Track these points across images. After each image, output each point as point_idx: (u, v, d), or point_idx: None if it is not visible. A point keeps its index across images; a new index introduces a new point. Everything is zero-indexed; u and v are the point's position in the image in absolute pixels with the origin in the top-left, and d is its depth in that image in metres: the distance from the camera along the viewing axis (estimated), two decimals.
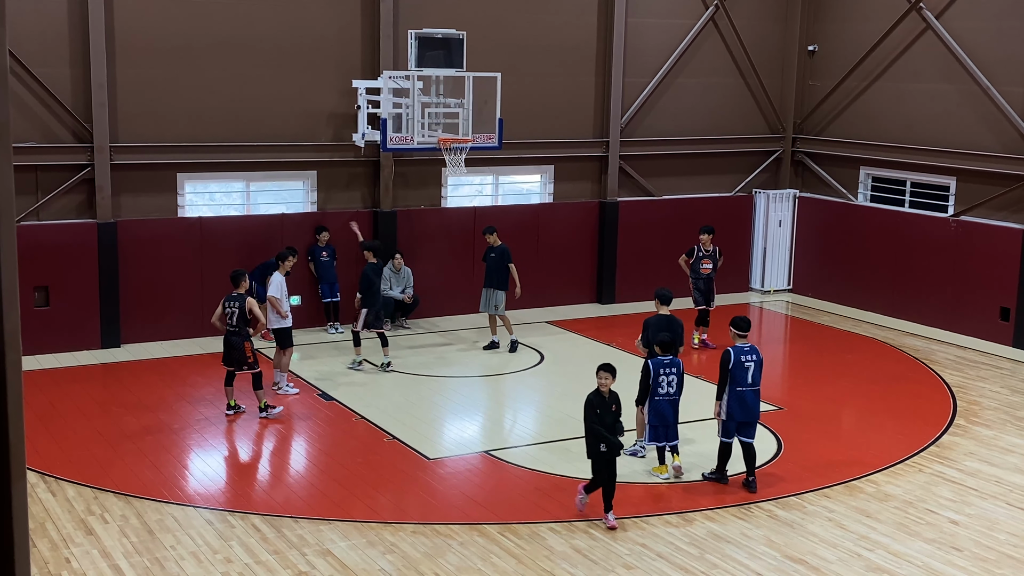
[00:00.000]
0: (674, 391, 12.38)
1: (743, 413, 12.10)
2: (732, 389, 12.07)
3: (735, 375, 12.05)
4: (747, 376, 12.06)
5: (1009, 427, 14.70)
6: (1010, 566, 10.62)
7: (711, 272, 18.05)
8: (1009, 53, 19.00)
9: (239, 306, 14.18)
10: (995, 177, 19.26)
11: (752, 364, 12.10)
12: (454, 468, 12.95)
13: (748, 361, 12.09)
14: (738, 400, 12.07)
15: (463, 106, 17.15)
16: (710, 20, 21.78)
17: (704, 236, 18.08)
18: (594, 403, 11.31)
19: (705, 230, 18.17)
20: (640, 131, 21.63)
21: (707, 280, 18.05)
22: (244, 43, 18.05)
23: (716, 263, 18.17)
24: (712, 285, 18.13)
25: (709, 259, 18.06)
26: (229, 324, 14.31)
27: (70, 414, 14.41)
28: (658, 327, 13.13)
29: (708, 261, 18.05)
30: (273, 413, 14.38)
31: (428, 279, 19.52)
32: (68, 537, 10.79)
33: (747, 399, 12.10)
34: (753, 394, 12.14)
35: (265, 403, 14.38)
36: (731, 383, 12.07)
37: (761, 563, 10.54)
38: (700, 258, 18.07)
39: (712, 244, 18.14)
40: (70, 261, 17.06)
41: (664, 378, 12.30)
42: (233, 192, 18.83)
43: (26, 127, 16.73)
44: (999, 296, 18.93)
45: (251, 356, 14.30)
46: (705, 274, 18.03)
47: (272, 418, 14.33)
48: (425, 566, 10.30)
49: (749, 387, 12.10)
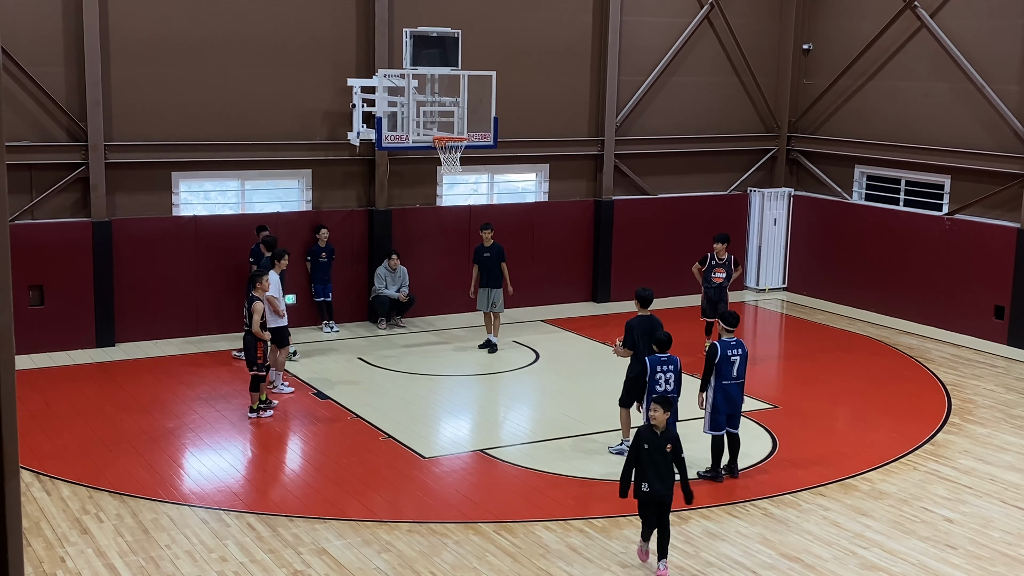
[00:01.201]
0: (672, 389, 12.39)
1: (728, 406, 12.31)
2: (718, 383, 12.25)
3: (721, 369, 12.23)
4: (732, 370, 12.27)
5: (1003, 425, 14.73)
6: (1004, 564, 10.64)
7: (724, 282, 17.35)
8: (1003, 51, 19.02)
9: (247, 307, 14.37)
10: (989, 175, 19.29)
11: (738, 358, 12.29)
12: (449, 467, 12.95)
13: (734, 355, 12.27)
14: (723, 394, 12.27)
15: (458, 104, 17.14)
16: (705, 18, 21.79)
17: (718, 245, 17.37)
18: (642, 437, 10.03)
19: (719, 239, 17.47)
20: (635, 130, 21.64)
21: (718, 290, 17.35)
22: (239, 41, 18.03)
23: (731, 273, 17.42)
24: (724, 295, 17.38)
25: (723, 268, 17.33)
26: (245, 324, 14.46)
27: (65, 413, 14.39)
28: (641, 328, 13.04)
29: (721, 270, 17.33)
30: (264, 415, 14.37)
31: (423, 278, 19.52)
32: (63, 536, 10.78)
33: (732, 392, 12.32)
34: (738, 387, 12.37)
35: (257, 406, 14.35)
36: (717, 377, 12.23)
37: (756, 561, 10.55)
38: (713, 267, 17.36)
39: (727, 252, 17.45)
40: (65, 260, 17.03)
41: (661, 375, 12.26)
42: (228, 191, 18.81)
43: (20, 126, 16.70)
44: (993, 294, 18.96)
45: (261, 358, 14.28)
46: (717, 283, 17.34)
47: (261, 418, 14.30)
48: (420, 565, 10.30)
49: (734, 380, 12.30)
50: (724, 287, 17.35)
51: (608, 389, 14.25)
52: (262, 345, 14.24)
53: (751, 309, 21.50)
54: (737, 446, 12.56)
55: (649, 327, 12.94)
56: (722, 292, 17.34)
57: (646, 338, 12.81)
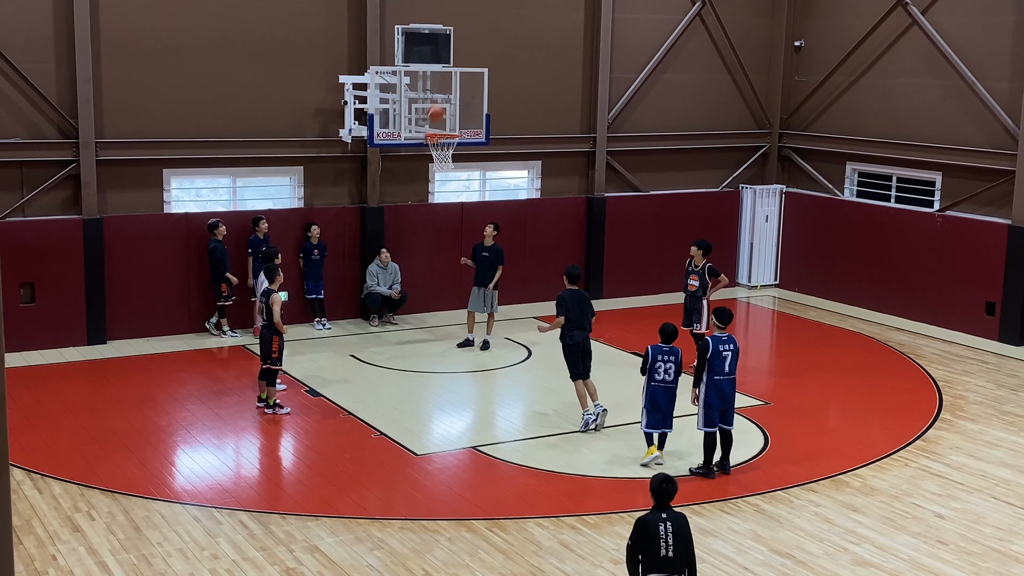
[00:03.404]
0: (671, 379, 12.56)
1: (721, 401, 12.36)
2: (710, 378, 12.30)
3: (713, 364, 12.29)
4: (724, 365, 12.34)
5: (994, 421, 14.77)
6: (995, 559, 10.67)
7: (697, 291, 16.10)
8: (994, 48, 19.06)
9: (265, 300, 14.43)
10: (980, 172, 19.33)
11: (730, 354, 12.36)
12: (441, 464, 12.95)
13: (726, 351, 12.34)
14: (716, 389, 12.31)
15: (450, 102, 17.14)
16: (696, 16, 21.80)
17: (694, 249, 16.23)
18: (647, 525, 8.19)
19: (696, 244, 16.30)
20: (627, 127, 21.65)
21: (691, 298, 16.19)
22: (230, 38, 18.00)
23: (705, 283, 16.07)
24: (698, 305, 16.08)
25: (697, 276, 16.12)
26: (263, 318, 14.60)
27: (56, 411, 14.36)
28: (572, 300, 13.97)
29: (695, 278, 16.12)
30: (280, 411, 14.42)
31: (415, 275, 19.52)
32: (54, 534, 10.76)
33: (724, 388, 12.37)
34: (730, 383, 12.41)
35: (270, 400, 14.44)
36: (709, 372, 12.30)
37: (748, 557, 10.57)
38: (688, 273, 16.29)
39: (705, 260, 16.12)
40: (56, 257, 16.99)
41: (661, 364, 12.52)
42: (219, 188, 18.79)
43: (11, 123, 16.67)
44: (984, 291, 19.01)
45: (276, 352, 14.32)
46: (690, 291, 16.20)
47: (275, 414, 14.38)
48: (413, 562, 10.30)
49: (726, 376, 12.36)
50: (698, 296, 16.10)
51: (602, 388, 14.25)
52: (278, 339, 14.28)
53: (743, 306, 21.53)
54: (729, 443, 12.58)
55: (579, 299, 14.08)
56: (696, 302, 16.14)
57: (578, 308, 13.98)
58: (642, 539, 8.13)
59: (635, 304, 20.80)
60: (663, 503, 8.25)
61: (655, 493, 8.27)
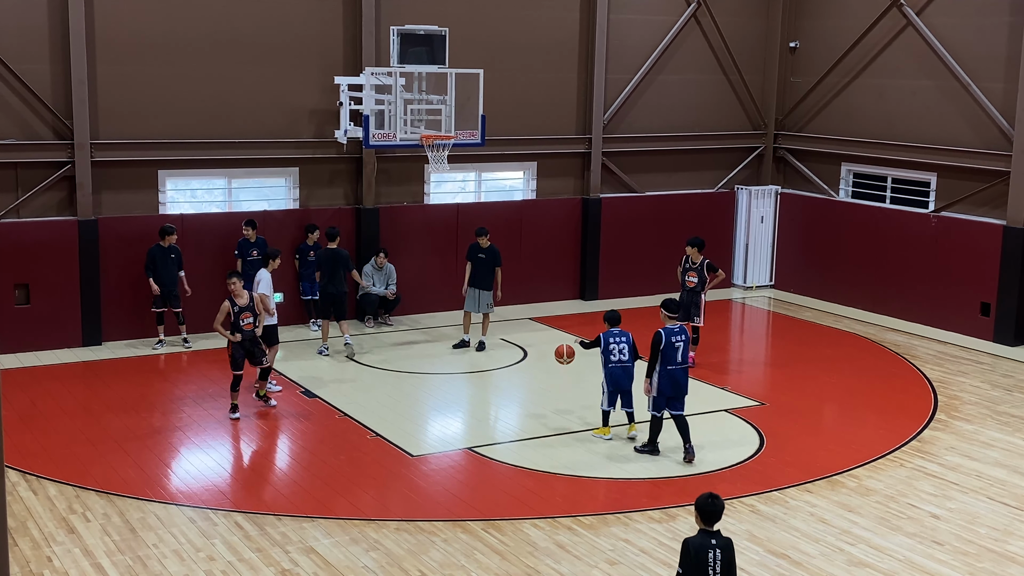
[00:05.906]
0: (627, 359, 13.31)
1: (673, 389, 12.80)
2: (663, 368, 12.77)
3: (666, 354, 12.75)
4: (677, 355, 12.80)
5: (989, 421, 14.79)
6: (991, 559, 10.69)
7: (696, 287, 16.79)
8: (989, 49, 19.09)
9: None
10: (976, 173, 19.37)
11: (682, 344, 12.83)
12: (437, 465, 12.95)
13: (678, 341, 12.83)
14: (669, 378, 12.77)
15: (445, 103, 17.14)
16: (692, 17, 21.82)
17: (690, 249, 16.84)
18: (697, 550, 7.67)
19: (690, 242, 16.94)
20: (622, 127, 21.66)
21: (690, 293, 16.79)
22: (226, 39, 17.99)
23: (703, 279, 16.78)
24: (696, 299, 16.77)
25: (695, 273, 16.80)
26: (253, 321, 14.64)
27: (51, 412, 14.35)
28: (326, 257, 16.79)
29: (694, 274, 16.79)
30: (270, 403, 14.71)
31: (411, 276, 19.52)
32: (50, 536, 10.74)
33: (677, 377, 12.82)
34: (682, 371, 12.87)
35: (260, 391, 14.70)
36: (662, 362, 12.76)
37: (744, 558, 10.57)
38: (687, 270, 16.90)
39: (702, 257, 16.84)
40: (51, 258, 16.98)
41: (615, 346, 13.30)
42: (215, 189, 18.77)
43: (6, 124, 16.65)
44: (979, 291, 19.04)
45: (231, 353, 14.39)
46: (689, 287, 16.82)
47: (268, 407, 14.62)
48: (408, 563, 10.30)
49: (679, 365, 12.80)
50: (697, 291, 16.81)
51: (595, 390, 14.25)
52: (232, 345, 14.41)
53: (738, 306, 21.55)
54: (686, 428, 12.93)
55: (335, 257, 16.63)
56: (694, 296, 16.81)
57: (329, 265, 16.71)
58: (689, 564, 7.57)
59: (631, 305, 20.79)
60: (711, 522, 7.66)
61: (702, 512, 7.68)
